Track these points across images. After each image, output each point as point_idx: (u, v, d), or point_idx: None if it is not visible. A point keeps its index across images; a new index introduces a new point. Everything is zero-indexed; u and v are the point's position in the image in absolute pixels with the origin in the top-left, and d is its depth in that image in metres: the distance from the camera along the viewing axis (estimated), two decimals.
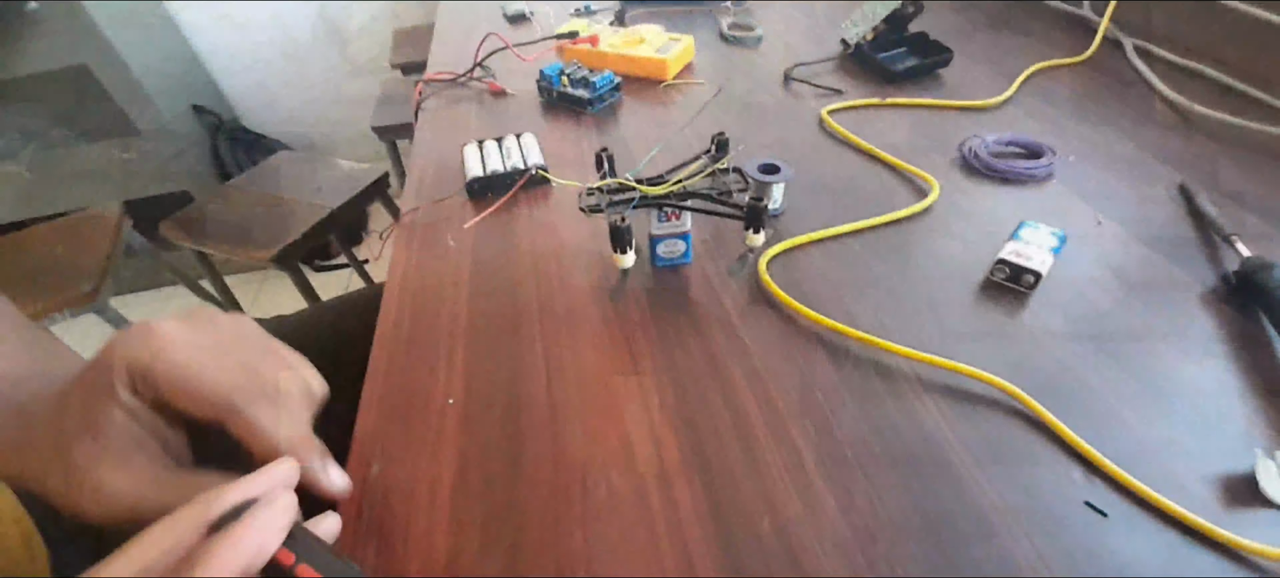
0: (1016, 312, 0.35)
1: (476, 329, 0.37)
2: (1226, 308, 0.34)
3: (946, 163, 0.47)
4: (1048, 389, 0.30)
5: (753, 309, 0.36)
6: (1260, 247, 0.36)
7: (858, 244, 0.40)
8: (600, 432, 0.30)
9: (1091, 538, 0.25)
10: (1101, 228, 0.40)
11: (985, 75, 0.59)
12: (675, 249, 0.39)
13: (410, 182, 0.52)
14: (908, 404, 0.30)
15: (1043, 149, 0.46)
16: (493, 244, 0.43)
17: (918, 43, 0.62)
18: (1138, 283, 0.36)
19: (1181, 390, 0.30)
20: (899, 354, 0.32)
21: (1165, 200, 0.42)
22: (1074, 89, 0.56)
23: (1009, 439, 0.29)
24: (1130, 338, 0.33)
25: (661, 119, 0.57)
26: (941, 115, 0.54)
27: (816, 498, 0.27)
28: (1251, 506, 0.25)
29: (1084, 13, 0.67)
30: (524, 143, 0.52)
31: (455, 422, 0.32)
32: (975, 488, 0.27)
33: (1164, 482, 0.26)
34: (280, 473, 0.24)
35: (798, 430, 0.30)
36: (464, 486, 0.29)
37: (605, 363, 0.34)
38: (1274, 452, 0.27)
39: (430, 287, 0.40)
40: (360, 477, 0.30)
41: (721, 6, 0.79)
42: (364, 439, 0.32)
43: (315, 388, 0.28)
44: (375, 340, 0.37)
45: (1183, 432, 0.28)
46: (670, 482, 0.28)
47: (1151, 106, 0.53)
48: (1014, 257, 0.35)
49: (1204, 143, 0.48)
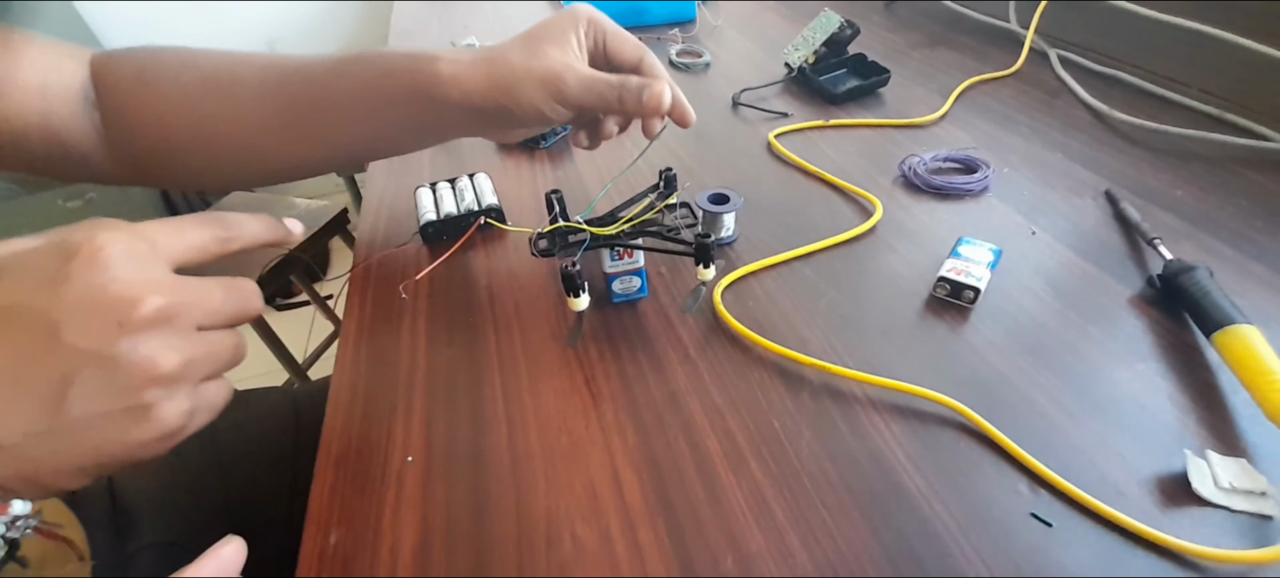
0: (959, 327, 0.36)
1: (435, 381, 0.36)
2: (1153, 311, 0.36)
3: (889, 182, 0.49)
4: (991, 403, 0.31)
5: (710, 341, 0.37)
6: (1181, 248, 0.38)
7: (808, 268, 0.41)
8: (564, 480, 0.30)
9: (1038, 548, 0.26)
10: (1036, 238, 0.42)
11: (922, 93, 0.61)
12: (630, 285, 0.39)
13: (362, 228, 0.51)
14: (861, 428, 0.31)
15: (978, 163, 0.48)
16: (450, 290, 0.43)
17: (857, 64, 0.65)
18: (1070, 291, 0.38)
19: (1115, 396, 0.31)
20: (850, 378, 0.33)
21: (1092, 208, 0.44)
22: (1005, 102, 0.59)
23: (958, 456, 0.29)
24: (1066, 347, 0.34)
25: (614, 149, 0.58)
26: (883, 134, 0.56)
27: (778, 531, 0.27)
28: (1185, 505, 0.27)
29: (1011, 26, 0.71)
30: (478, 183, 0.52)
31: (416, 480, 0.31)
32: (928, 509, 0.27)
33: (1103, 487, 0.27)
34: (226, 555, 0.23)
35: (757, 463, 0.30)
36: (426, 549, 0.28)
37: (566, 407, 0.34)
38: (1204, 452, 0.28)
39: (387, 339, 0.40)
40: (318, 548, 0.29)
41: (670, 34, 0.81)
42: (321, 504, 0.31)
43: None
44: (329, 399, 0.36)
45: (1119, 436, 0.30)
46: (634, 526, 0.28)
47: (1076, 115, 0.56)
48: (953, 274, 0.37)
49: (1125, 147, 0.51)
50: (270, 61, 0.39)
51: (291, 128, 0.38)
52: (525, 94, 0.35)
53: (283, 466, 0.50)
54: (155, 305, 0.22)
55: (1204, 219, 0.42)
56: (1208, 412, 0.30)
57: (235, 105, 0.38)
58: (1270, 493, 0.26)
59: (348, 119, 0.39)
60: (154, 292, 0.22)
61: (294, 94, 0.38)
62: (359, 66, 0.38)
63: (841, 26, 0.63)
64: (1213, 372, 0.32)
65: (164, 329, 0.22)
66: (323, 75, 0.38)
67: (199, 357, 0.24)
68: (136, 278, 0.22)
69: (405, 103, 0.37)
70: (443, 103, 0.36)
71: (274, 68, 0.38)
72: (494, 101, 0.36)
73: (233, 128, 0.38)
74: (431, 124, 0.40)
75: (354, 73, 0.38)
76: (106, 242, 0.22)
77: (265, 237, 0.29)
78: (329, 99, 0.38)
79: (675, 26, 0.84)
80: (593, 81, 0.35)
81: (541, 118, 0.36)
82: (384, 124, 0.39)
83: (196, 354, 0.24)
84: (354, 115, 0.38)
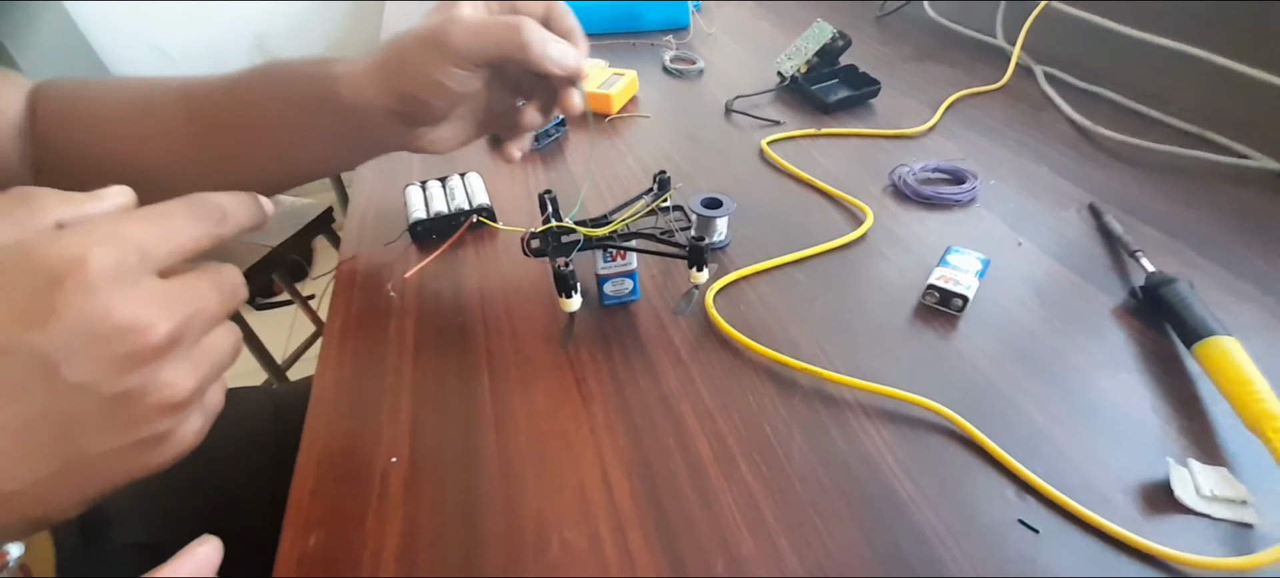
0: (948, 334, 0.36)
1: (423, 381, 0.36)
2: (1136, 321, 0.36)
3: (879, 190, 0.49)
4: (980, 409, 0.31)
5: (702, 344, 0.37)
6: (1162, 261, 0.39)
7: (800, 273, 0.42)
8: (553, 482, 0.30)
9: (1026, 555, 0.26)
10: (1022, 249, 0.42)
11: (912, 105, 0.62)
12: (622, 287, 0.39)
13: (350, 226, 0.50)
14: (852, 433, 0.31)
15: (966, 175, 0.49)
16: (439, 290, 0.42)
17: (848, 75, 0.65)
18: (1056, 301, 0.38)
19: (1100, 404, 0.32)
20: (841, 383, 0.33)
21: (1077, 220, 0.45)
22: (992, 115, 0.60)
23: (947, 462, 0.30)
24: (1052, 355, 0.35)
25: (607, 152, 0.58)
26: (873, 144, 0.56)
27: (769, 536, 0.27)
28: (1168, 512, 0.27)
29: (999, 43, 0.72)
30: (468, 182, 0.51)
31: (400, 482, 0.30)
32: (918, 514, 0.27)
33: (1089, 494, 0.27)
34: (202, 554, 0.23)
35: (748, 467, 0.30)
36: (411, 552, 0.28)
37: (557, 408, 0.33)
38: (1186, 460, 0.29)
39: (372, 338, 0.39)
40: (298, 551, 0.28)
41: (664, 41, 0.81)
42: (301, 505, 0.30)
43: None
44: (311, 398, 0.35)
45: (1104, 444, 0.30)
46: (625, 530, 0.28)
47: (1061, 129, 0.57)
48: (942, 282, 0.37)
49: (1108, 162, 0.52)
50: (187, 82, 0.38)
51: (210, 148, 0.37)
52: (414, 66, 0.32)
53: (262, 466, 0.49)
54: (165, 331, 0.20)
55: (1185, 233, 0.43)
56: (1189, 421, 0.31)
57: (155, 129, 0.37)
58: (1250, 502, 0.27)
59: (263, 136, 0.37)
60: (158, 314, 0.20)
61: (210, 114, 0.37)
62: (264, 80, 0.36)
63: (834, 37, 0.63)
64: (1193, 382, 0.33)
65: (175, 354, 0.21)
66: (234, 91, 0.37)
67: (208, 372, 0.23)
68: (134, 300, 0.20)
69: (312, 113, 0.35)
70: (345, 107, 0.34)
71: (191, 88, 0.37)
72: (392, 91, 0.33)
73: (154, 152, 0.37)
74: (338, 133, 0.36)
75: (260, 87, 0.36)
76: (92, 261, 0.19)
77: (250, 219, 0.28)
78: (241, 115, 0.36)
79: (669, 33, 0.84)
80: (481, 25, 0.31)
81: (442, 90, 0.32)
82: (297, 139, 0.37)
83: (206, 370, 0.23)
84: (269, 132, 0.37)
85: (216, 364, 0.24)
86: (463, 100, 0.34)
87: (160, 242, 0.22)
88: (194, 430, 0.23)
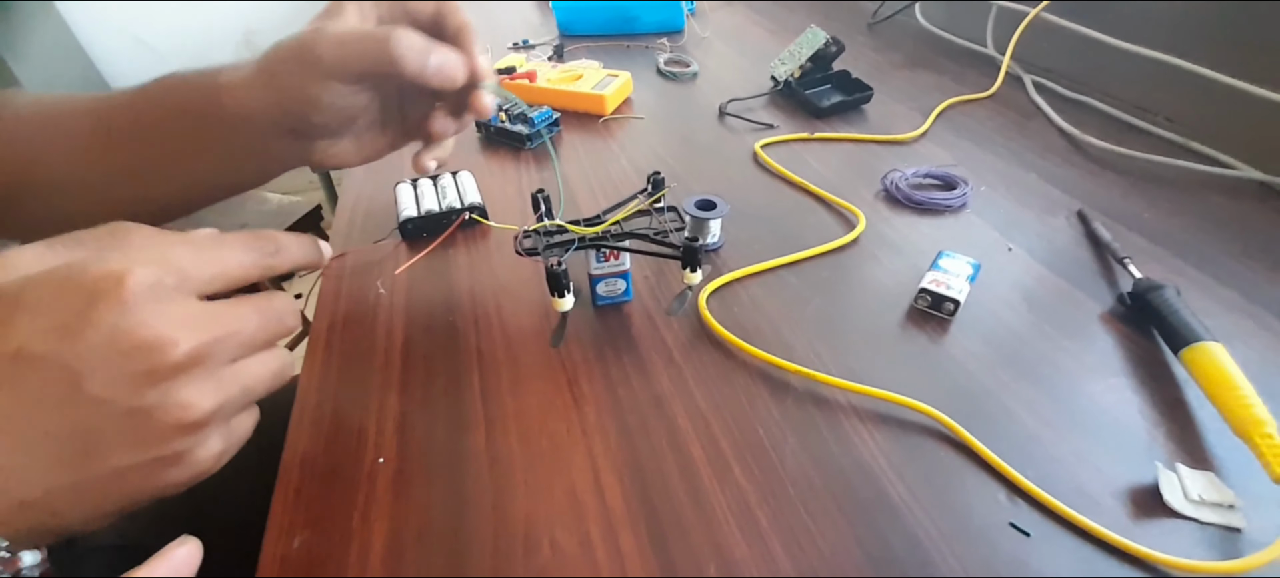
0: (939, 338, 0.36)
1: (411, 381, 0.35)
2: (1124, 327, 0.37)
3: (871, 195, 0.50)
4: (971, 412, 0.31)
5: (695, 345, 0.36)
6: (1149, 267, 0.39)
7: (793, 276, 0.42)
8: (544, 483, 0.30)
9: (1017, 558, 0.26)
10: (1012, 254, 0.43)
11: (904, 111, 0.62)
12: (615, 288, 0.39)
13: (339, 224, 0.50)
14: (845, 435, 0.31)
15: (957, 180, 0.49)
16: (429, 288, 0.42)
17: (841, 80, 0.66)
18: (1045, 306, 0.38)
19: (1089, 409, 0.32)
20: (834, 385, 0.33)
21: (1065, 227, 0.45)
22: (982, 122, 0.60)
23: (939, 465, 0.30)
24: (1042, 359, 0.35)
25: (601, 154, 0.57)
26: (865, 149, 0.57)
27: (762, 539, 0.27)
28: (1157, 516, 0.27)
29: (989, 51, 0.73)
30: (460, 181, 0.51)
31: (386, 483, 0.30)
32: (910, 517, 0.27)
33: (1078, 498, 0.28)
34: (180, 555, 0.22)
35: (741, 469, 0.30)
36: (397, 553, 0.27)
37: (548, 409, 0.33)
38: (1174, 464, 0.29)
39: (360, 337, 0.38)
40: (280, 552, 0.27)
41: (658, 43, 0.81)
42: (284, 506, 0.29)
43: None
44: (296, 397, 0.35)
45: (1093, 448, 0.30)
46: (616, 533, 0.27)
47: (1050, 137, 0.57)
48: (934, 285, 0.37)
49: (1096, 170, 0.52)
50: (101, 95, 0.36)
51: (113, 160, 0.35)
52: (284, 80, 0.30)
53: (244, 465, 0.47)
54: (186, 349, 0.20)
55: (1171, 241, 0.43)
56: (1176, 426, 0.31)
57: (62, 141, 0.35)
58: (1238, 506, 0.27)
59: (161, 148, 0.35)
60: (183, 332, 0.20)
61: (115, 126, 0.35)
62: (164, 90, 0.34)
63: (827, 43, 0.64)
64: (1181, 387, 0.33)
65: (195, 373, 0.21)
66: (135, 104, 0.35)
67: (233, 396, 0.23)
68: (163, 317, 0.20)
69: (202, 124, 0.33)
70: (230, 119, 0.32)
71: (103, 100, 0.36)
72: (272, 104, 0.31)
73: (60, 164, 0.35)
74: (229, 145, 0.34)
75: (158, 98, 0.34)
76: (130, 280, 0.20)
77: (305, 256, 0.27)
78: (141, 127, 0.35)
79: (663, 36, 0.84)
80: (349, 38, 0.29)
81: (318, 106, 0.30)
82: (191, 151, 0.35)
83: (231, 394, 0.22)
84: (165, 144, 0.35)
85: (248, 390, 0.23)
86: (350, 114, 0.32)
87: (204, 266, 0.22)
88: (213, 453, 0.23)
